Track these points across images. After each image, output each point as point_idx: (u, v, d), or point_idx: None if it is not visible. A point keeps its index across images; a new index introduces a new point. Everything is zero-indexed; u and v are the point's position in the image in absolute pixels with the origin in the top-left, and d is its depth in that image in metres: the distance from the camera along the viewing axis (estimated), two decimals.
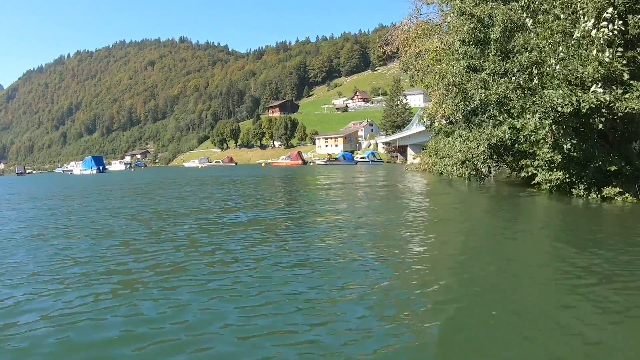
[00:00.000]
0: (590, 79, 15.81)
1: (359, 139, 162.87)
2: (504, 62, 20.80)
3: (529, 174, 22.83)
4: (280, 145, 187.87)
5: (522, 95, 19.89)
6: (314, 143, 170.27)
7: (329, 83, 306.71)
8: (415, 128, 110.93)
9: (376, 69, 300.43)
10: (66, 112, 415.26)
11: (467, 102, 23.54)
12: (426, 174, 49.32)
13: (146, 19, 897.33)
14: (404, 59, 45.64)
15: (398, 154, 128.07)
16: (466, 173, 27.22)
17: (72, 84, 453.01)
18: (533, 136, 18.81)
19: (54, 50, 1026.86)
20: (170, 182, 47.51)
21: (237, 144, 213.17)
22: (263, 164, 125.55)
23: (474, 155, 23.26)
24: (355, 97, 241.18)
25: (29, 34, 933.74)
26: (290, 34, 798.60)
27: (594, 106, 15.67)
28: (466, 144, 23.21)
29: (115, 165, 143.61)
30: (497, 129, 20.90)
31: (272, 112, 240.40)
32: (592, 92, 15.71)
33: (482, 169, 25.29)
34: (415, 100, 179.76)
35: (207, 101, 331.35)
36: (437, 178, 41.30)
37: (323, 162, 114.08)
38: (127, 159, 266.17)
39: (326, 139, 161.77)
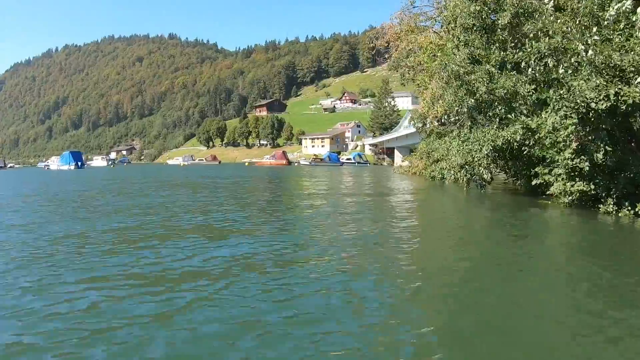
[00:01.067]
0: (632, 68, 13.27)
1: (346, 140, 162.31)
2: (516, 50, 18.69)
3: (544, 182, 18.89)
4: (266, 144, 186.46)
5: (538, 89, 17.44)
6: (300, 143, 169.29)
7: (318, 83, 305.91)
8: (403, 130, 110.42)
9: (365, 70, 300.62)
10: (53, 106, 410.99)
11: (473, 96, 20.51)
12: (416, 178, 46.25)
13: (135, 15, 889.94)
14: (395, 54, 43.71)
15: (385, 156, 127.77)
16: (464, 178, 24.80)
17: (60, 78, 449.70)
18: (549, 138, 16.03)
19: (43, 44, 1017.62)
20: (142, 183, 40.20)
21: (223, 143, 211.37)
22: (247, 164, 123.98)
23: (476, 159, 21.18)
24: (344, 98, 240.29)
25: (18, 26, 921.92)
26: (280, 34, 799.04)
27: (638, 102, 13.09)
28: (466, 146, 21.13)
29: (97, 162, 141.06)
30: (504, 130, 18.63)
31: (260, 111, 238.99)
32: (638, 83, 13.14)
33: (484, 175, 22.58)
34: (403, 102, 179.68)
35: (195, 99, 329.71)
36: (429, 183, 38.30)
37: (308, 163, 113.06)
38: (113, 155, 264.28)
39: (313, 139, 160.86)
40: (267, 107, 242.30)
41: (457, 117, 24.88)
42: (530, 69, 17.55)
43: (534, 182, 19.82)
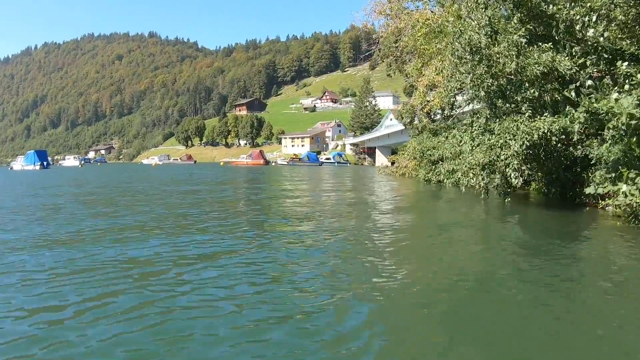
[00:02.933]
0: None
1: (327, 139, 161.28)
2: (573, 3, 15.08)
3: (603, 190, 13.66)
4: (246, 144, 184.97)
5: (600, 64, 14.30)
6: (280, 142, 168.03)
7: (298, 83, 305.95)
8: (384, 129, 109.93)
9: (346, 69, 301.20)
10: (31, 105, 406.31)
11: (496, 75, 15.89)
12: (405, 181, 39.59)
13: (116, 13, 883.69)
14: (383, 34, 37.10)
15: (366, 156, 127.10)
16: (482, 183, 16.98)
17: (39, 76, 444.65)
18: (624, 124, 11.80)
19: (22, 42, 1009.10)
20: (94, 189, 29.79)
21: (202, 142, 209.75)
22: (222, 163, 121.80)
23: (502, 158, 15.35)
24: (324, 97, 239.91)
25: None
26: (261, 32, 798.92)
27: None
28: (488, 140, 15.76)
29: (70, 161, 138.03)
30: (543, 119, 14.53)
31: (239, 110, 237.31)
32: None
33: (512, 179, 15.68)
34: (384, 101, 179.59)
35: (174, 97, 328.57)
36: (423, 186, 31.94)
37: (286, 163, 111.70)
38: (91, 154, 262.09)
39: (293, 138, 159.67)
40: (247, 106, 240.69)
41: (469, 105, 22.00)
42: (592, 31, 14.54)
43: (589, 191, 14.53)
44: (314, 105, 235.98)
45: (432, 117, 35.45)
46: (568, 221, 14.85)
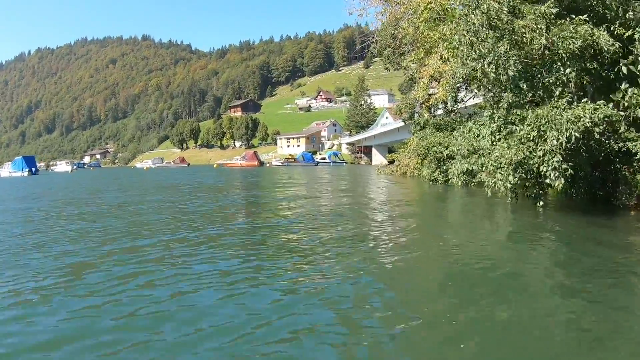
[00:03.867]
0: None
1: (322, 139, 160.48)
2: None
3: None
4: (241, 145, 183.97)
5: None
6: (275, 143, 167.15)
7: (293, 83, 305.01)
8: (380, 128, 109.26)
9: (340, 69, 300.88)
10: (25, 111, 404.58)
11: (522, 54, 13.50)
12: (407, 180, 36.46)
13: (109, 17, 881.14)
14: (379, 20, 33.91)
15: (362, 155, 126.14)
16: (510, 184, 13.36)
17: (33, 82, 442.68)
18: None
19: (15, 47, 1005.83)
20: (52, 202, 24.82)
21: (197, 144, 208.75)
22: (215, 165, 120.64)
23: (541, 154, 12.46)
24: (319, 97, 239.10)
25: None
26: (254, 33, 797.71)
27: None
28: (519, 132, 12.98)
29: (62, 166, 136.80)
30: (583, 107, 12.21)
31: (234, 112, 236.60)
32: None
33: (552, 179, 12.65)
34: (380, 100, 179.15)
35: (169, 100, 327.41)
36: (427, 187, 28.74)
37: (280, 163, 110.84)
38: (87, 158, 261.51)
39: (288, 139, 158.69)
40: (242, 108, 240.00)
41: (475, 97, 20.49)
42: None
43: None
44: (309, 105, 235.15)
45: (433, 111, 33.80)
46: (617, 230, 12.18)
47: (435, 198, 23.88)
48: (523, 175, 13.12)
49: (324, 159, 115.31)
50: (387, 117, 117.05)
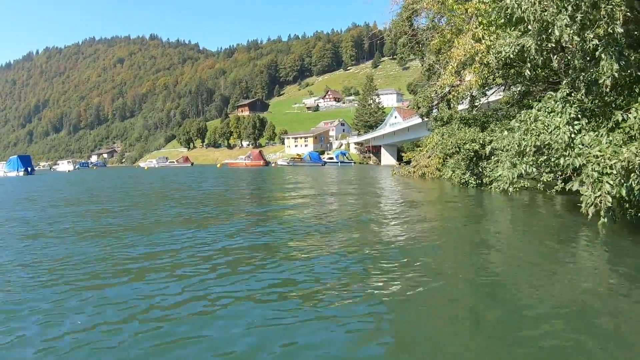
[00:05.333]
0: None
1: (330, 138, 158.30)
2: None
3: None
4: (248, 144, 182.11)
5: None
6: (283, 143, 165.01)
7: (300, 82, 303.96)
8: (389, 127, 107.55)
9: (349, 68, 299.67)
10: (33, 110, 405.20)
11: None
12: (427, 183, 30.76)
13: (117, 16, 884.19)
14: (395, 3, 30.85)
15: (371, 155, 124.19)
16: (609, 196, 9.00)
17: (40, 81, 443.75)
18: None
19: (23, 47, 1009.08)
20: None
21: (204, 144, 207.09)
22: (218, 165, 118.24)
23: None
24: (327, 96, 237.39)
25: None
26: (262, 33, 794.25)
27: None
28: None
29: (63, 165, 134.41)
30: None
31: (242, 111, 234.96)
32: None
33: None
34: (388, 99, 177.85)
35: (176, 100, 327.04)
36: (458, 192, 23.11)
37: (286, 163, 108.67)
38: (94, 158, 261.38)
39: (296, 138, 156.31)
40: (249, 107, 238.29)
41: (507, 88, 17.70)
42: None
43: None
44: (317, 105, 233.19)
45: (453, 106, 30.78)
46: None
47: (486, 211, 16.93)
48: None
49: (331, 158, 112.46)
50: (395, 117, 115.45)
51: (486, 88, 22.18)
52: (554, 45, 10.37)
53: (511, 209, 16.83)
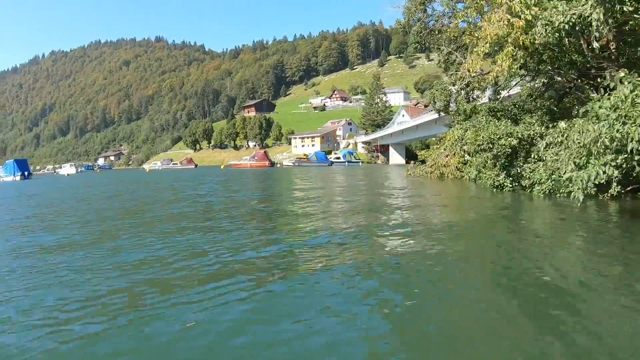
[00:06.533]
0: None
1: (337, 138, 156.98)
2: None
3: None
4: (255, 145, 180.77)
5: None
6: (290, 143, 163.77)
7: (307, 82, 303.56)
8: (396, 126, 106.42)
9: (355, 67, 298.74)
10: (40, 113, 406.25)
11: None
12: (450, 186, 26.88)
13: (122, 19, 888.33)
14: None
15: (379, 154, 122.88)
16: None
17: (47, 85, 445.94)
18: None
19: (29, 50, 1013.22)
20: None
21: (211, 145, 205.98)
22: (222, 166, 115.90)
23: None
24: (334, 96, 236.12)
25: (4, 34, 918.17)
26: (268, 33, 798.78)
27: None
28: None
29: (66, 169, 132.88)
30: None
31: (248, 112, 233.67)
32: None
33: None
34: (395, 98, 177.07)
35: (182, 101, 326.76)
36: (493, 197, 18.92)
37: (292, 164, 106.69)
38: (101, 160, 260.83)
39: (303, 138, 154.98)
40: (256, 108, 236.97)
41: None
42: None
43: None
44: (324, 105, 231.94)
45: (469, 97, 28.67)
46: None
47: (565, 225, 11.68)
48: None
49: (338, 158, 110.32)
50: (403, 115, 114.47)
51: (519, 75, 19.82)
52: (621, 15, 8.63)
53: (581, 221, 11.84)
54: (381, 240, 9.85)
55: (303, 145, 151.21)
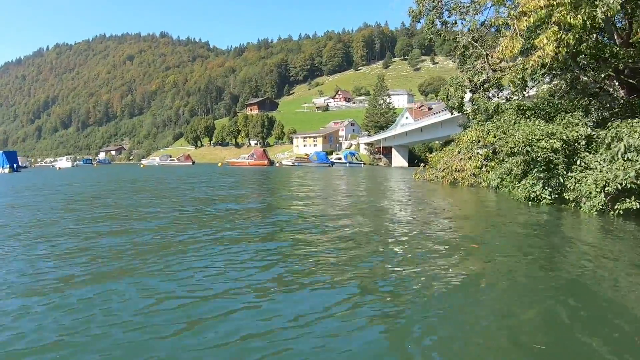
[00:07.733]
0: None
1: (340, 138, 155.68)
2: None
3: None
4: (256, 143, 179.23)
5: None
6: (292, 142, 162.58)
7: (311, 82, 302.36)
8: (400, 128, 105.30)
9: (359, 68, 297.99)
10: (42, 106, 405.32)
11: None
12: (468, 194, 23.74)
13: (128, 13, 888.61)
14: None
15: (382, 156, 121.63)
16: None
17: (50, 77, 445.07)
18: None
19: (34, 43, 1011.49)
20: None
21: (212, 142, 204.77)
22: (219, 164, 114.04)
23: None
24: (337, 96, 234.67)
25: (8, 25, 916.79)
26: (273, 32, 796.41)
27: None
28: None
29: (62, 162, 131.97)
30: None
31: (251, 110, 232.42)
32: None
33: None
34: (399, 100, 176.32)
35: (185, 97, 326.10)
36: (534, 213, 15.31)
37: (291, 163, 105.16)
38: (102, 154, 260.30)
39: (305, 138, 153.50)
40: (259, 106, 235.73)
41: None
42: None
43: None
44: (327, 105, 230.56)
45: (490, 94, 26.52)
46: None
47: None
48: None
49: (339, 159, 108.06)
50: (407, 117, 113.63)
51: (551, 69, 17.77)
52: None
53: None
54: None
55: (305, 145, 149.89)
